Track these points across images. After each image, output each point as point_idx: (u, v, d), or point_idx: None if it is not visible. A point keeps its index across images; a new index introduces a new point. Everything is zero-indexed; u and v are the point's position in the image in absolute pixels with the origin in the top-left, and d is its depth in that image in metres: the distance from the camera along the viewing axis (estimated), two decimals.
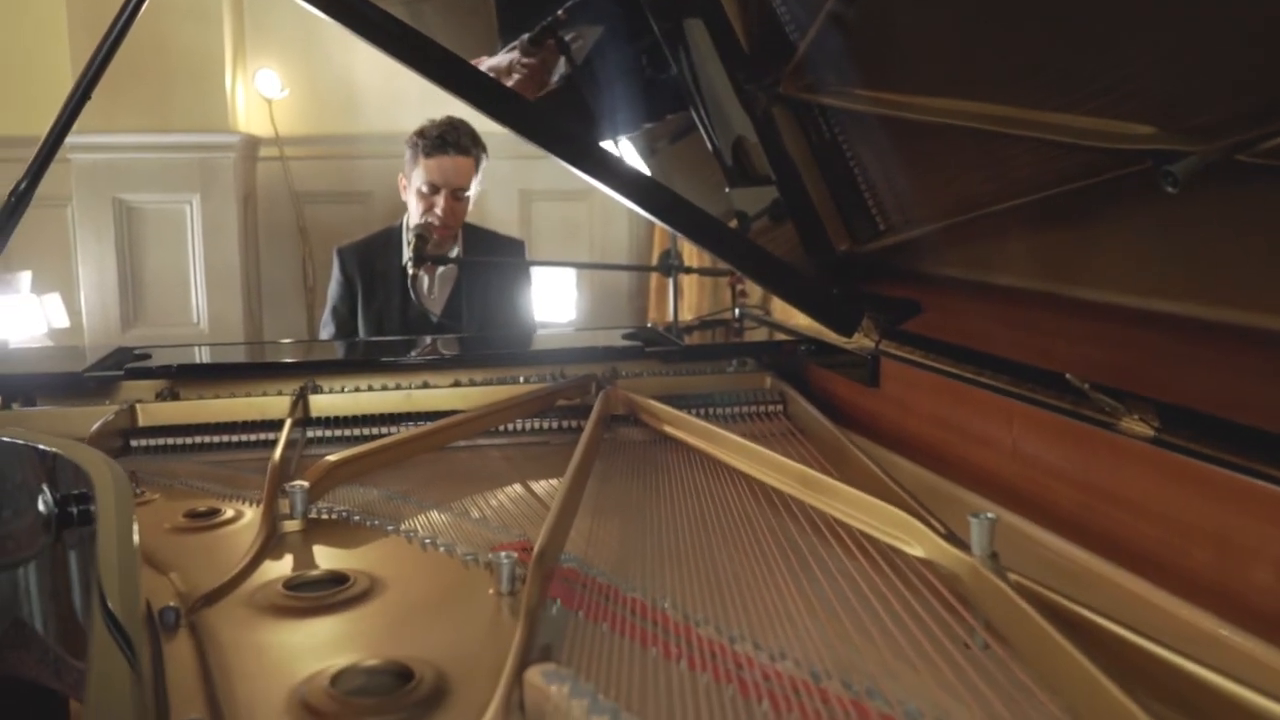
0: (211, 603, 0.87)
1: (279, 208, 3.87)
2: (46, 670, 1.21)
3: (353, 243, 2.50)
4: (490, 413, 1.52)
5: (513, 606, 0.89)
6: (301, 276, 3.92)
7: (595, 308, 4.27)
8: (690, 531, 1.11)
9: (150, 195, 3.47)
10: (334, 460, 1.22)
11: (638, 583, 0.94)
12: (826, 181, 1.72)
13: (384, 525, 1.12)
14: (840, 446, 1.41)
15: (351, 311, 2.46)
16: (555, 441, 1.64)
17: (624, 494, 1.27)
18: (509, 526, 1.12)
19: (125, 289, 3.50)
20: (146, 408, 1.58)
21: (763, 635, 0.83)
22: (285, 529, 1.09)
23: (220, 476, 1.36)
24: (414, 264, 2.15)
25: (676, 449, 1.49)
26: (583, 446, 1.30)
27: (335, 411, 1.64)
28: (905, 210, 1.56)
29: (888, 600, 0.90)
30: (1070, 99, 1.06)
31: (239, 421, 1.58)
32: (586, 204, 4.38)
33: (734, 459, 1.34)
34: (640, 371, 1.82)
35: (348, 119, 3.94)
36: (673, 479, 1.34)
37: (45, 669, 1.21)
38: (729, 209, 1.88)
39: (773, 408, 1.77)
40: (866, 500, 1.09)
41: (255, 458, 1.51)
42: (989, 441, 1.35)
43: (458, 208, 2.41)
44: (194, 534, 1.11)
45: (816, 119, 1.64)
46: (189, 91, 3.45)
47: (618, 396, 1.68)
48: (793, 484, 1.21)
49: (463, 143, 2.41)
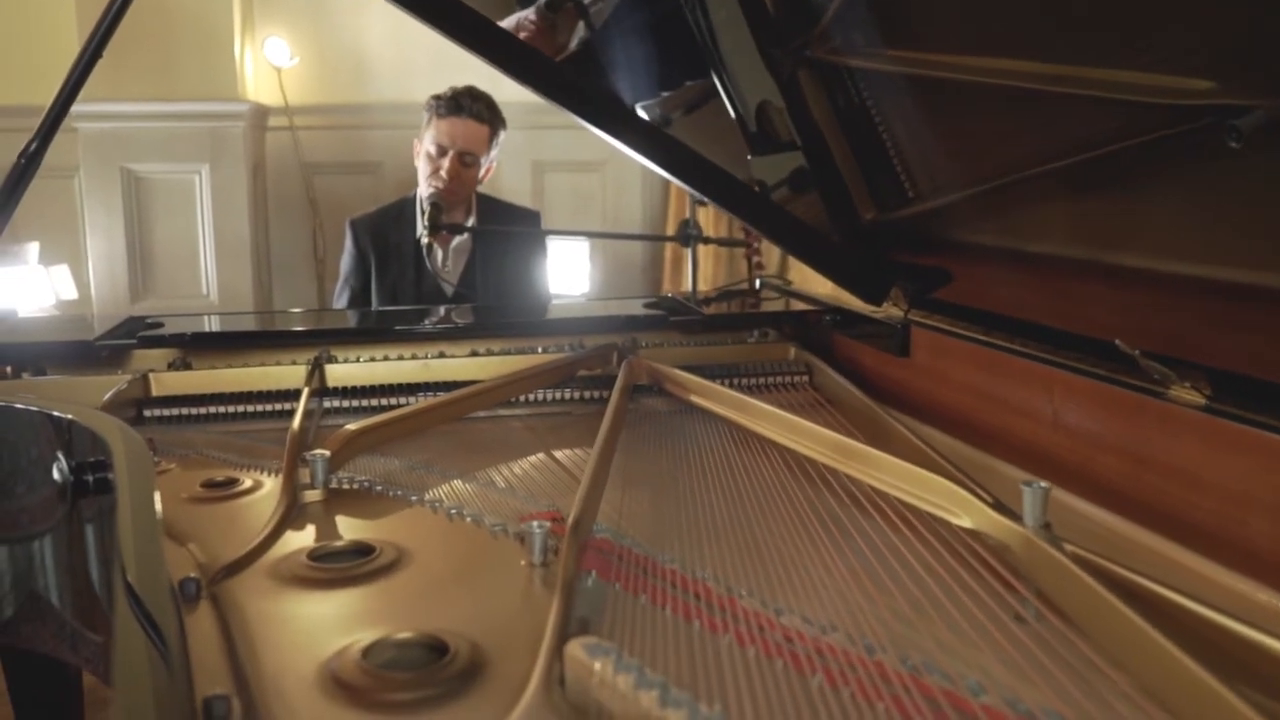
0: (233, 574, 0.85)
1: (288, 178, 3.82)
2: (63, 644, 1.18)
3: (366, 214, 2.47)
4: (511, 382, 1.49)
5: (545, 578, 0.86)
6: (311, 248, 3.88)
7: (609, 279, 4.23)
8: (725, 502, 1.08)
9: (158, 165, 3.43)
10: (354, 429, 1.19)
11: (675, 554, 0.90)
12: (853, 148, 1.68)
13: (407, 495, 1.09)
14: (873, 416, 1.38)
15: (365, 284, 2.42)
16: (577, 412, 1.61)
17: (653, 465, 1.24)
18: (536, 496, 1.09)
19: (134, 260, 3.46)
20: (160, 377, 1.55)
21: (810, 608, 0.79)
22: (306, 499, 1.06)
23: (237, 446, 1.33)
24: (428, 233, 2.11)
25: (702, 419, 1.46)
26: (610, 416, 1.27)
27: (351, 381, 1.61)
28: (936, 176, 1.52)
29: (936, 572, 0.87)
30: (1121, 54, 1.02)
31: (254, 391, 1.56)
32: (599, 175, 4.33)
33: (766, 428, 1.31)
34: (660, 342, 1.78)
35: (358, 88, 3.89)
36: (702, 449, 1.31)
37: (62, 643, 1.19)
38: (749, 178, 1.84)
39: (798, 378, 1.74)
40: (909, 469, 1.06)
41: (271, 428, 1.49)
42: (1028, 411, 1.31)
43: (464, 174, 2.37)
44: (212, 504, 1.08)
45: (845, 83, 1.59)
46: (197, 59, 3.40)
47: (641, 366, 1.65)
48: (829, 454, 1.18)
49: (477, 108, 2.37)
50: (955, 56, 1.30)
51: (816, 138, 1.71)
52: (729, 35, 1.78)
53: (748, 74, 1.79)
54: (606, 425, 1.21)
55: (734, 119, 1.89)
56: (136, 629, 0.62)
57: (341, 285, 2.45)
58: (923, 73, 1.39)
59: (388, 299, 2.39)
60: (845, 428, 1.41)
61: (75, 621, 1.16)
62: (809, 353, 1.80)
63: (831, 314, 1.88)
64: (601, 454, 1.08)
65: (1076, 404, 1.22)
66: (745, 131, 1.89)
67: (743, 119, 1.88)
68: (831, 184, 1.73)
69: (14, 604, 1.25)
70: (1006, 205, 1.38)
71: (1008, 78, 1.20)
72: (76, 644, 1.15)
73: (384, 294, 2.39)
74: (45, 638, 1.21)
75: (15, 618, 1.26)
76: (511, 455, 1.30)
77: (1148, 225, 1.17)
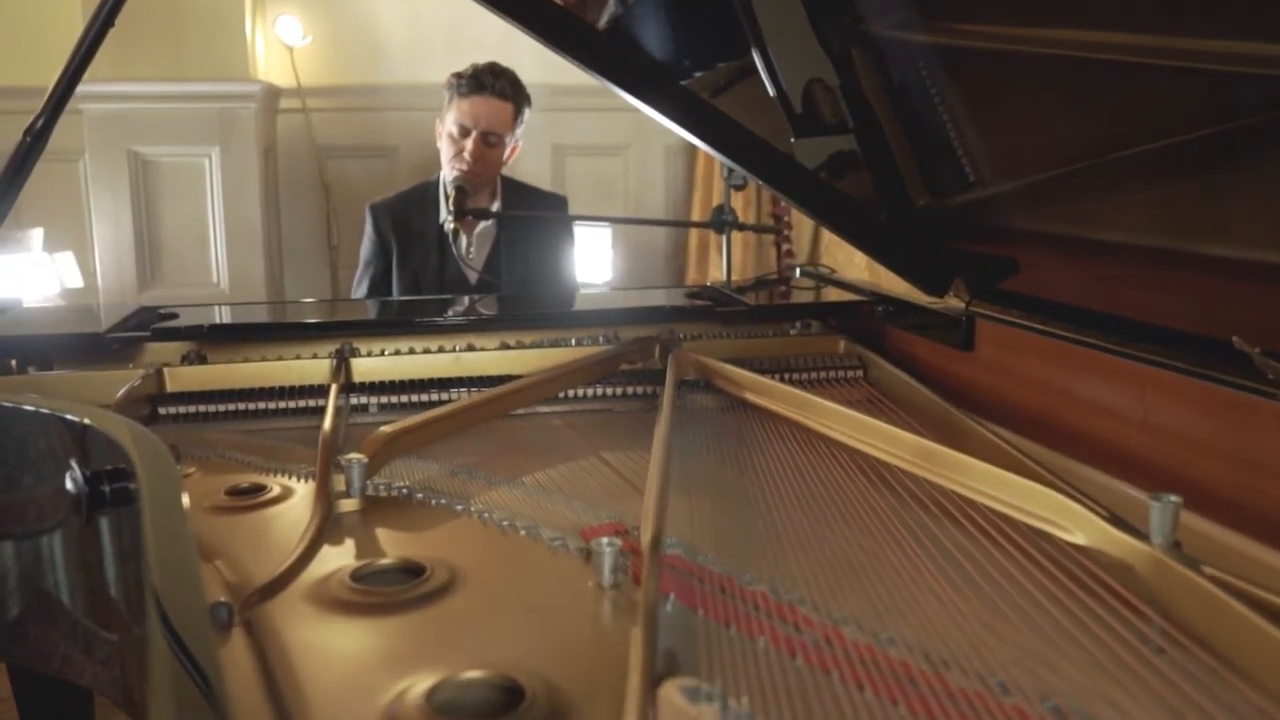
0: (269, 597, 0.77)
1: (301, 162, 3.74)
2: (76, 647, 1.11)
3: (386, 199, 2.38)
4: (554, 377, 1.41)
5: (617, 601, 0.78)
6: (325, 234, 3.80)
7: (631, 267, 4.15)
8: (802, 513, 1.00)
9: (167, 148, 3.35)
10: (391, 430, 1.11)
11: (761, 574, 0.82)
12: (907, 130, 1.59)
13: (452, 504, 1.01)
14: (945, 416, 1.29)
15: (386, 271, 2.34)
16: (619, 409, 1.53)
17: (715, 468, 1.16)
18: (594, 506, 1.00)
19: (141, 247, 3.39)
20: (175, 372, 1.47)
21: (925, 640, 0.71)
22: (342, 508, 0.98)
23: (260, 448, 1.25)
24: (453, 218, 2.03)
25: (756, 417, 1.38)
26: (666, 417, 1.18)
27: (378, 376, 1.53)
28: (1000, 160, 1.44)
29: (1057, 598, 0.79)
30: (1227, 22, 0.93)
31: (275, 387, 1.48)
32: (621, 159, 4.24)
33: (832, 429, 1.22)
34: (699, 334, 1.70)
35: (372, 68, 3.80)
36: (763, 451, 1.22)
37: (74, 645, 1.11)
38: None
39: (852, 373, 1.65)
40: (1006, 478, 0.97)
41: (294, 426, 1.41)
42: (1113, 411, 1.23)
43: (489, 155, 2.28)
44: (239, 514, 1.00)
45: (902, 59, 1.50)
46: (206, 37, 3.31)
47: (688, 361, 1.57)
48: (909, 458, 1.09)
49: (500, 85, 2.29)
50: (1029, 29, 1.21)
51: (869, 119, 1.63)
52: (774, 10, 1.69)
53: (795, 51, 1.70)
54: (664, 428, 1.13)
55: (775, 99, 1.80)
56: (175, 669, 0.54)
57: (361, 273, 2.37)
58: (993, 46, 1.30)
59: (409, 286, 2.31)
60: (913, 428, 1.33)
61: (88, 621, 1.08)
62: (860, 346, 1.72)
63: (884, 305, 1.79)
64: (665, 460, 1.00)
65: (1174, 404, 1.14)
66: (789, 113, 1.80)
67: (786, 99, 1.79)
68: (883, 168, 1.65)
69: (20, 603, 1.18)
70: (1076, 190, 1.30)
71: (1087, 50, 1.12)
72: (91, 646, 1.07)
73: (405, 281, 2.31)
74: (56, 639, 1.14)
75: (22, 617, 1.19)
76: (558, 458, 1.22)
77: (1240, 211, 1.09)
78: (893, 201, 1.64)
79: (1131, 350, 1.19)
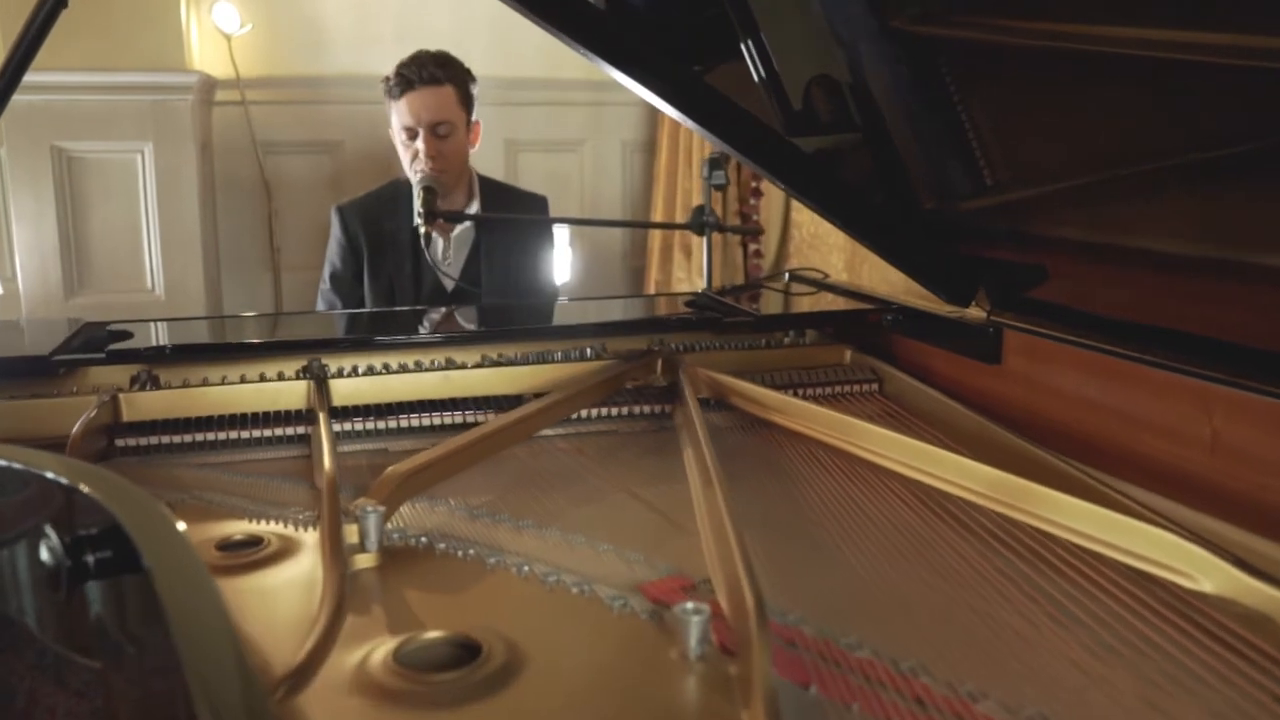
0: (301, 686, 0.65)
1: (239, 158, 3.56)
2: (45, 677, 0.97)
3: (354, 200, 2.24)
4: (568, 399, 1.30)
5: (708, 677, 0.68)
6: (267, 236, 3.62)
7: (588, 268, 4.04)
8: (880, 558, 0.91)
9: (95, 143, 3.14)
10: (404, 470, 0.99)
11: (864, 637, 0.73)
12: (917, 130, 1.52)
13: (482, 555, 0.90)
14: (987, 434, 1.22)
15: (357, 276, 2.20)
16: (624, 430, 1.43)
17: (760, 505, 1.06)
18: (647, 555, 0.90)
19: (67, 251, 3.17)
20: (131, 399, 1.33)
21: None
22: (358, 565, 0.86)
23: (240, 487, 1.13)
24: (424, 220, 1.90)
25: (782, 440, 1.30)
26: (705, 444, 1.09)
27: (360, 399, 1.42)
28: (1026, 163, 1.37)
29: (1196, 655, 0.71)
30: None
31: (246, 414, 1.35)
32: (577, 155, 4.13)
33: (886, 458, 1.14)
34: (692, 345, 1.61)
35: (315, 58, 3.63)
36: (808, 483, 1.14)
37: (43, 675, 0.97)
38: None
39: (866, 387, 1.58)
40: (1104, 515, 0.89)
41: (270, 458, 1.29)
42: (1174, 432, 1.16)
43: (446, 147, 2.17)
44: (236, 574, 0.87)
45: (922, 56, 1.43)
46: (137, 24, 3.12)
47: (699, 377, 1.47)
48: (983, 492, 1.01)
49: (428, 73, 2.18)
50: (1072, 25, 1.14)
51: (876, 116, 1.55)
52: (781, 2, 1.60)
53: (799, 45, 1.61)
54: (709, 458, 1.03)
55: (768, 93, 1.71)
56: None
57: (329, 281, 2.22)
58: (1030, 43, 1.23)
59: (383, 293, 2.17)
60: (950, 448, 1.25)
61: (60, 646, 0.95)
62: (868, 356, 1.65)
63: (893, 312, 1.72)
64: (725, 500, 0.90)
65: (1249, 426, 1.08)
66: (783, 109, 1.71)
67: (782, 95, 1.70)
68: (889, 170, 1.58)
69: None
70: (1108, 194, 1.24)
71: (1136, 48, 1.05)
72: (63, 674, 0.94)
73: (379, 288, 2.17)
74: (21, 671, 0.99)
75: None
76: (580, 491, 1.11)
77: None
78: (898, 204, 1.58)
79: (1197, 367, 1.13)
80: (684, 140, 3.81)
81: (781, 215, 3.59)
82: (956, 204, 1.49)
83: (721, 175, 2.31)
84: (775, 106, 1.65)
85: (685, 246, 3.87)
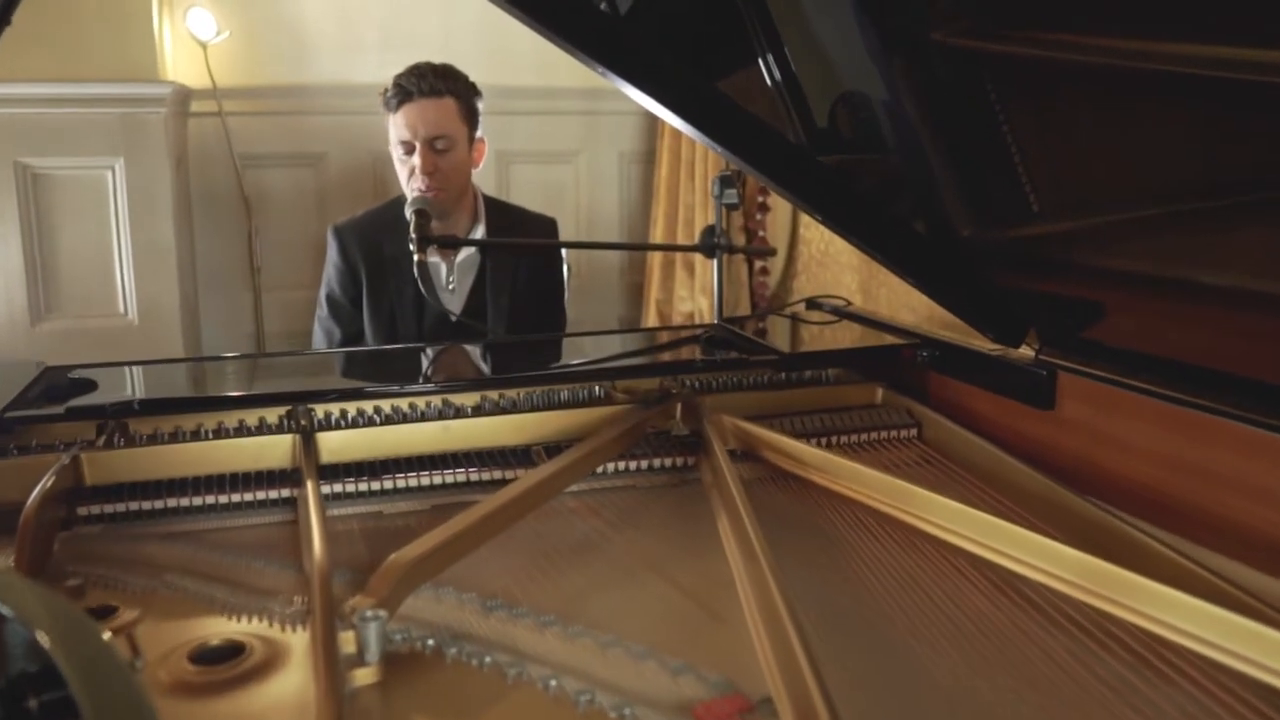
0: None
1: (217, 172, 3.43)
2: None
3: (352, 220, 2.11)
4: (586, 457, 1.19)
5: None
6: (246, 254, 3.50)
7: (583, 284, 3.93)
8: (956, 660, 0.80)
9: (62, 159, 3.02)
10: (407, 558, 0.87)
11: None
12: (955, 149, 1.43)
13: (501, 664, 0.78)
14: (1054, 496, 1.11)
15: (355, 304, 2.07)
16: (642, 485, 1.32)
17: (814, 589, 0.95)
18: (694, 664, 0.78)
19: (33, 273, 3.04)
20: (95, 458, 1.21)
21: None
22: (356, 682, 0.75)
23: (219, 569, 1.01)
24: (417, 248, 1.78)
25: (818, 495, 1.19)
26: (746, 514, 0.98)
27: (351, 454, 1.30)
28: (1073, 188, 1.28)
29: None
30: None
31: (225, 475, 1.23)
32: (572, 167, 4.03)
33: (949, 531, 1.03)
34: (710, 382, 1.51)
35: (296, 67, 3.52)
36: (858, 555, 1.04)
37: None
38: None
39: (904, 432, 1.48)
40: (1213, 613, 0.79)
41: (252, 524, 1.18)
42: (1266, 493, 1.06)
43: (443, 163, 2.04)
44: (213, 696, 0.75)
45: (966, 71, 1.33)
46: (107, 32, 2.99)
47: (726, 427, 1.37)
48: (1068, 578, 0.90)
49: (428, 84, 2.06)
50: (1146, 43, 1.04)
51: (911, 135, 1.45)
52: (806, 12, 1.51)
53: (825, 56, 1.52)
54: (754, 534, 0.92)
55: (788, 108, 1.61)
56: None
57: (325, 307, 2.09)
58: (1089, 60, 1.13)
59: (384, 321, 2.04)
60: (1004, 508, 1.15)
61: None
62: (902, 395, 1.55)
63: (929, 348, 1.62)
64: (776, 587, 0.79)
65: None
66: (806, 126, 1.61)
67: (805, 113, 1.60)
68: (923, 192, 1.48)
69: None
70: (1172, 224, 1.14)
71: (1216, 68, 0.95)
72: None
73: (380, 315, 2.04)
74: None
75: None
76: (603, 571, 1.00)
77: None
78: (933, 230, 1.48)
79: None
80: (685, 151, 3.70)
81: (789, 231, 3.49)
82: (998, 231, 1.39)
83: (734, 194, 2.21)
84: (798, 122, 1.55)
85: (688, 263, 3.77)
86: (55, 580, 0.96)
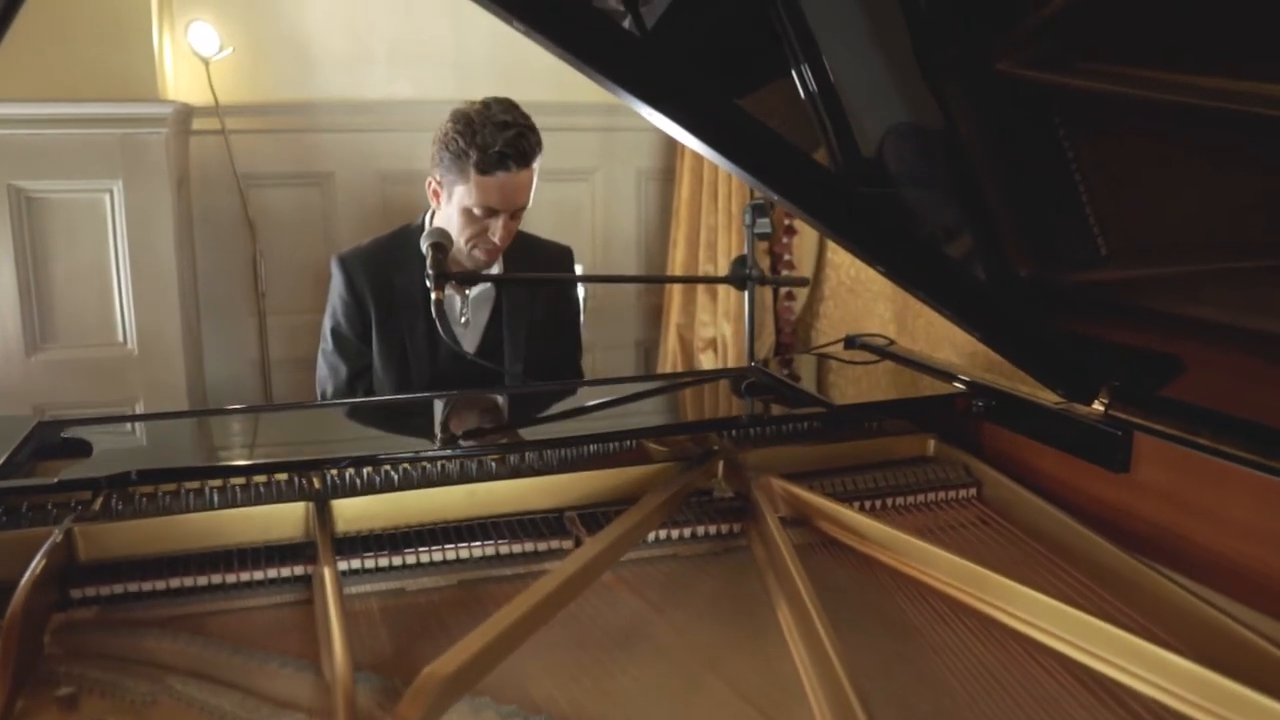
0: None
1: (220, 193, 3.36)
2: None
3: (358, 249, 2.01)
4: (625, 534, 1.11)
5: None
6: (251, 277, 3.42)
7: (600, 305, 3.86)
8: None
9: (59, 182, 2.94)
10: (445, 672, 0.79)
11: None
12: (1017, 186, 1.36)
13: None
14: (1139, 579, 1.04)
15: (363, 338, 1.98)
16: (684, 554, 1.25)
17: (887, 688, 0.87)
18: None
19: (27, 301, 2.97)
20: (90, 531, 1.14)
21: None
22: None
23: (227, 671, 0.93)
24: (434, 284, 1.70)
25: (880, 571, 1.12)
26: (810, 602, 0.90)
27: (370, 523, 1.24)
28: (1146, 232, 1.21)
29: None
30: None
31: (231, 550, 1.16)
32: (588, 184, 3.95)
33: (1035, 625, 0.95)
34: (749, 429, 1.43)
35: (302, 83, 3.44)
36: (931, 645, 0.96)
37: None
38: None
39: (963, 492, 1.41)
40: None
41: (263, 605, 1.10)
42: None
43: (513, 226, 1.96)
44: None
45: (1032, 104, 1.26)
46: (104, 49, 2.92)
47: (774, 491, 1.29)
48: (1183, 694, 0.82)
49: (524, 147, 1.88)
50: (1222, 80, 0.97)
51: (968, 169, 1.38)
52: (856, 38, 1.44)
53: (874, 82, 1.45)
54: (823, 630, 0.85)
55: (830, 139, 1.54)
56: None
57: (330, 337, 1.99)
58: (1169, 98, 1.06)
59: (394, 357, 1.95)
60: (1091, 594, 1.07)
61: None
62: (954, 447, 1.48)
63: (983, 397, 1.54)
64: (856, 700, 0.71)
65: None
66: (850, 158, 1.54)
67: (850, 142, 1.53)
68: (980, 231, 1.41)
69: None
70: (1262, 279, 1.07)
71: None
72: None
73: (390, 351, 1.95)
74: None
75: None
76: (653, 669, 0.93)
77: None
78: (988, 271, 1.41)
79: None
80: (708, 172, 3.62)
81: (815, 255, 3.40)
82: (1061, 274, 1.32)
83: (766, 224, 2.12)
84: (838, 151, 1.48)
85: (711, 287, 3.69)
86: (46, 686, 0.89)
